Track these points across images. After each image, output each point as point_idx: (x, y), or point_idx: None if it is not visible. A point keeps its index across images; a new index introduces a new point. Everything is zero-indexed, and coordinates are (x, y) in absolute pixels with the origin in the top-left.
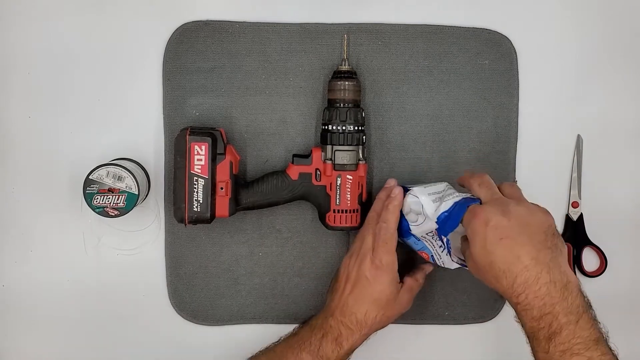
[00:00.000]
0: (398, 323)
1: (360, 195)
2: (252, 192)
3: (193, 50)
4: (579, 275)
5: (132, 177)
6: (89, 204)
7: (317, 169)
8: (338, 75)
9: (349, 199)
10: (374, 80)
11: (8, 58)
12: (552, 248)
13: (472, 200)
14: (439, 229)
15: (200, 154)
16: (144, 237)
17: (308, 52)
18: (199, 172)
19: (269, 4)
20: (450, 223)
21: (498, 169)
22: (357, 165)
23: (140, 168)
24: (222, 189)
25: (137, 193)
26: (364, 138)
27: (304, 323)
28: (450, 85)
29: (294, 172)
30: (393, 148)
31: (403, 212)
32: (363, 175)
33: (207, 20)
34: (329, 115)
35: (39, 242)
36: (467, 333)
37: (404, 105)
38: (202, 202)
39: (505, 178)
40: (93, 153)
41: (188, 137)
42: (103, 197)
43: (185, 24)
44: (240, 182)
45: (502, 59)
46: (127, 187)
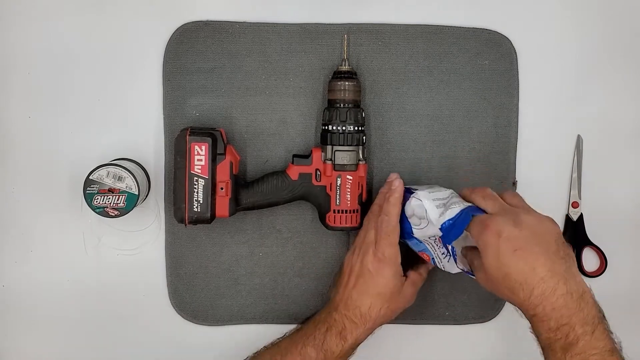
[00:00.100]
0: (398, 323)
1: (360, 196)
2: (252, 192)
3: (193, 51)
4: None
5: (132, 177)
6: (89, 204)
7: (317, 169)
8: (338, 76)
9: (349, 199)
10: (374, 81)
11: (8, 58)
12: (565, 258)
13: (477, 210)
14: (443, 237)
15: (201, 154)
16: (144, 237)
17: (308, 52)
18: (199, 172)
19: (269, 4)
20: (455, 231)
21: (498, 169)
22: (357, 166)
23: (140, 168)
24: (222, 189)
25: (137, 193)
26: (364, 138)
27: (308, 319)
28: (450, 85)
29: (294, 172)
30: (393, 148)
31: (406, 214)
32: (363, 176)
33: (207, 21)
34: (329, 116)
35: (39, 242)
36: (467, 333)
37: (404, 106)
38: (202, 202)
39: (506, 178)
40: (93, 153)
41: (188, 137)
42: (103, 197)
43: (185, 24)
44: (240, 182)
45: (502, 59)
46: (127, 187)
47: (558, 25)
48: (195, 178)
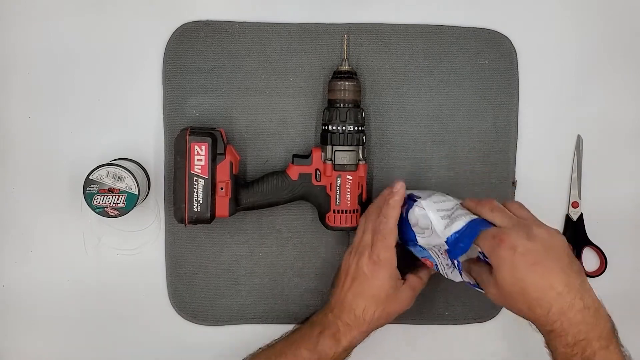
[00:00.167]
0: (398, 323)
1: (360, 196)
2: (252, 192)
3: (193, 50)
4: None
5: (132, 177)
6: (89, 204)
7: (317, 169)
8: (338, 76)
9: (349, 199)
10: (374, 81)
11: (8, 58)
12: (578, 272)
13: (484, 223)
14: (450, 251)
15: (200, 154)
16: (144, 237)
17: (308, 52)
18: (199, 172)
19: (269, 4)
20: (462, 245)
21: (498, 169)
22: (357, 166)
23: (140, 168)
24: (222, 189)
25: (137, 193)
26: (364, 138)
27: (307, 319)
28: (450, 85)
29: (294, 172)
30: (393, 148)
31: (410, 222)
32: (363, 176)
33: (207, 21)
34: (329, 116)
35: (39, 242)
36: (467, 333)
37: (404, 105)
38: (202, 202)
39: (506, 178)
40: (93, 153)
41: (188, 137)
42: (103, 197)
43: (185, 24)
44: (240, 182)
45: (502, 59)
46: (127, 187)
47: (558, 25)
48: (195, 178)
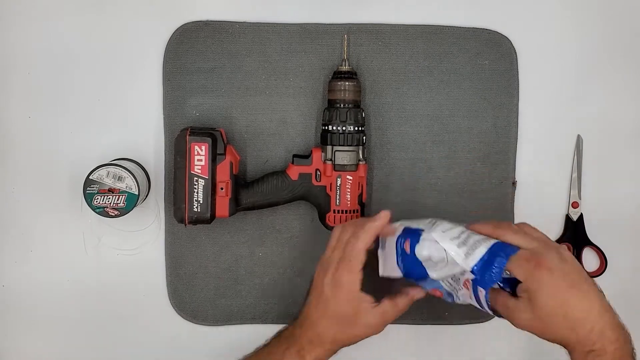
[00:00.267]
0: (398, 323)
1: (360, 196)
2: (252, 192)
3: (193, 51)
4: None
5: (132, 177)
6: (89, 204)
7: (317, 170)
8: (338, 76)
9: (349, 200)
10: (374, 81)
11: (8, 58)
12: (601, 291)
13: (507, 248)
14: (479, 281)
15: (201, 154)
16: (144, 237)
17: (308, 52)
18: (199, 172)
19: (269, 4)
20: (494, 273)
21: (498, 169)
22: (357, 166)
23: (140, 168)
24: (222, 189)
25: (137, 193)
26: (364, 138)
27: (280, 331)
28: (450, 86)
29: (294, 172)
30: (393, 148)
31: (419, 257)
32: (363, 176)
33: (207, 21)
34: (329, 116)
35: (39, 242)
36: (467, 333)
37: (404, 106)
38: (202, 202)
39: (506, 178)
40: (93, 153)
41: (188, 137)
42: (103, 197)
43: (185, 24)
44: (240, 182)
45: (502, 59)
46: (127, 187)
47: (558, 25)
48: (195, 178)
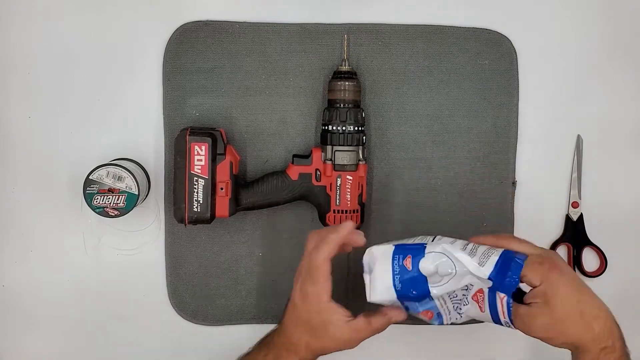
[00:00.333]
0: (398, 323)
1: (360, 196)
2: (252, 192)
3: (193, 51)
4: (579, 275)
5: (132, 177)
6: (89, 204)
7: (317, 169)
8: (338, 76)
9: (349, 200)
10: (374, 81)
11: (8, 58)
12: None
13: (518, 254)
14: (498, 287)
15: (200, 154)
16: (144, 237)
17: (308, 52)
18: (199, 172)
19: (269, 4)
20: (511, 279)
21: (498, 169)
22: (357, 166)
23: (140, 168)
24: (222, 189)
25: (137, 193)
26: (364, 138)
27: (260, 340)
28: (450, 85)
29: (294, 172)
30: (393, 148)
31: (424, 273)
32: (363, 176)
33: (207, 21)
34: (329, 116)
35: (39, 242)
36: (467, 333)
37: (404, 106)
38: (202, 202)
39: (506, 178)
40: (93, 153)
41: (188, 137)
42: (103, 197)
43: (185, 24)
44: (240, 182)
45: (502, 59)
46: (127, 187)
47: (558, 25)
48: (195, 178)
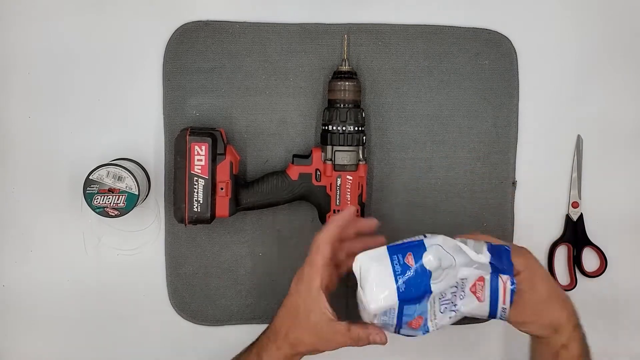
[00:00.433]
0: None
1: (360, 196)
2: (252, 192)
3: (193, 51)
4: (579, 275)
5: (132, 177)
6: (89, 204)
7: (317, 169)
8: (338, 76)
9: (349, 200)
10: (374, 81)
11: (8, 58)
12: None
13: (499, 244)
14: (500, 270)
15: (201, 154)
16: (144, 237)
17: (308, 52)
18: (199, 172)
19: (269, 4)
20: (507, 263)
21: (498, 169)
22: (357, 166)
23: (140, 168)
24: (222, 189)
25: (137, 193)
26: (364, 138)
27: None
28: (450, 85)
29: (294, 172)
30: (393, 148)
31: (428, 267)
32: (363, 176)
33: (207, 21)
34: (329, 116)
35: (39, 242)
36: (466, 333)
37: (404, 106)
38: (202, 202)
39: (506, 178)
40: (93, 153)
41: (188, 137)
42: (103, 197)
43: (185, 24)
44: (240, 182)
45: (502, 59)
46: (127, 187)
47: (558, 25)
48: (195, 178)
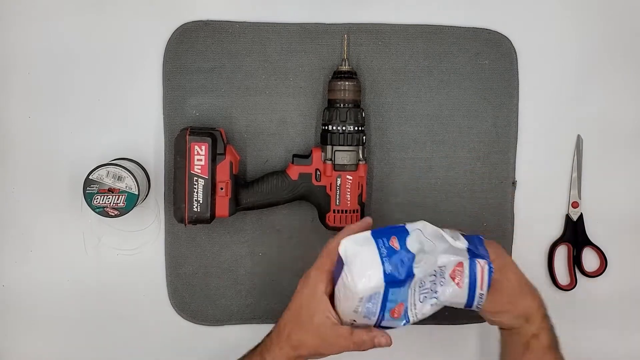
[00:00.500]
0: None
1: (360, 196)
2: (252, 192)
3: (193, 50)
4: (579, 275)
5: (132, 177)
6: (89, 204)
7: (317, 169)
8: (338, 76)
9: (349, 199)
10: (374, 80)
11: (8, 58)
12: None
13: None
14: (478, 255)
15: (200, 154)
16: (144, 237)
17: (308, 52)
18: (199, 172)
19: (269, 4)
20: (482, 251)
21: (498, 169)
22: (357, 166)
23: (140, 168)
24: (222, 189)
25: (137, 193)
26: (364, 138)
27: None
28: (450, 85)
29: (294, 172)
30: (393, 148)
31: (412, 250)
32: (363, 176)
33: (207, 20)
34: (329, 116)
35: (39, 242)
36: (467, 333)
37: (404, 106)
38: (202, 202)
39: (505, 178)
40: (93, 153)
41: (188, 137)
42: (103, 197)
43: (185, 24)
44: (240, 182)
45: (502, 59)
46: (127, 187)
47: (558, 25)
48: (195, 178)
